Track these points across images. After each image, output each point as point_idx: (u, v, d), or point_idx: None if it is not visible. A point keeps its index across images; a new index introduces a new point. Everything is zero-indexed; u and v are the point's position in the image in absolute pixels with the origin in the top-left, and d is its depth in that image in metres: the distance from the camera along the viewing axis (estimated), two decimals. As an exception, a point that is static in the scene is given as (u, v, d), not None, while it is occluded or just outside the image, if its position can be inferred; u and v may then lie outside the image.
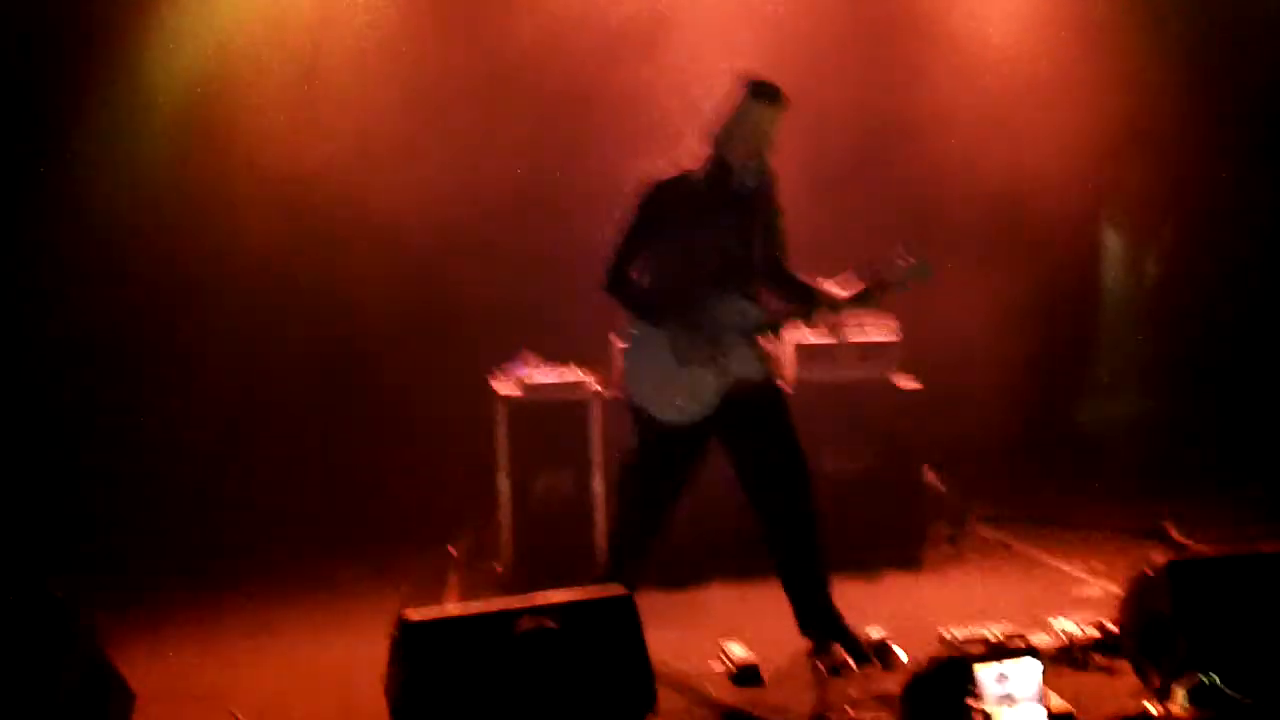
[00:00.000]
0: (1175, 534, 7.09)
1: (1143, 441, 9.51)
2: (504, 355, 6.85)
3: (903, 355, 7.03)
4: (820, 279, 5.18)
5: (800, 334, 6.54)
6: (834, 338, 6.66)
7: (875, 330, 6.95)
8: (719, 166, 5.06)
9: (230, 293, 7.81)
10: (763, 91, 5.02)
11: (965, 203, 8.37)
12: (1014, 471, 8.29)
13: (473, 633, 4.08)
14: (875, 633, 5.16)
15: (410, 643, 4.01)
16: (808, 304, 5.13)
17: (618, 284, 5.15)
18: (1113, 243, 10.67)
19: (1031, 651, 4.24)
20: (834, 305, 5.09)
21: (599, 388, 6.58)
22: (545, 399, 6.51)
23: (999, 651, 4.45)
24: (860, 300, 5.08)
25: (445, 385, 7.48)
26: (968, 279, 7.98)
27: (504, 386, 6.58)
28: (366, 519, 7.44)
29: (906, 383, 7.00)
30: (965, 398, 8.06)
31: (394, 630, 4.09)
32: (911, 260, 4.98)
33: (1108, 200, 9.86)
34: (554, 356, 6.80)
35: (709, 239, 5.06)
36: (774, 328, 5.23)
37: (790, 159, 5.39)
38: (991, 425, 8.24)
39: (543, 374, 6.61)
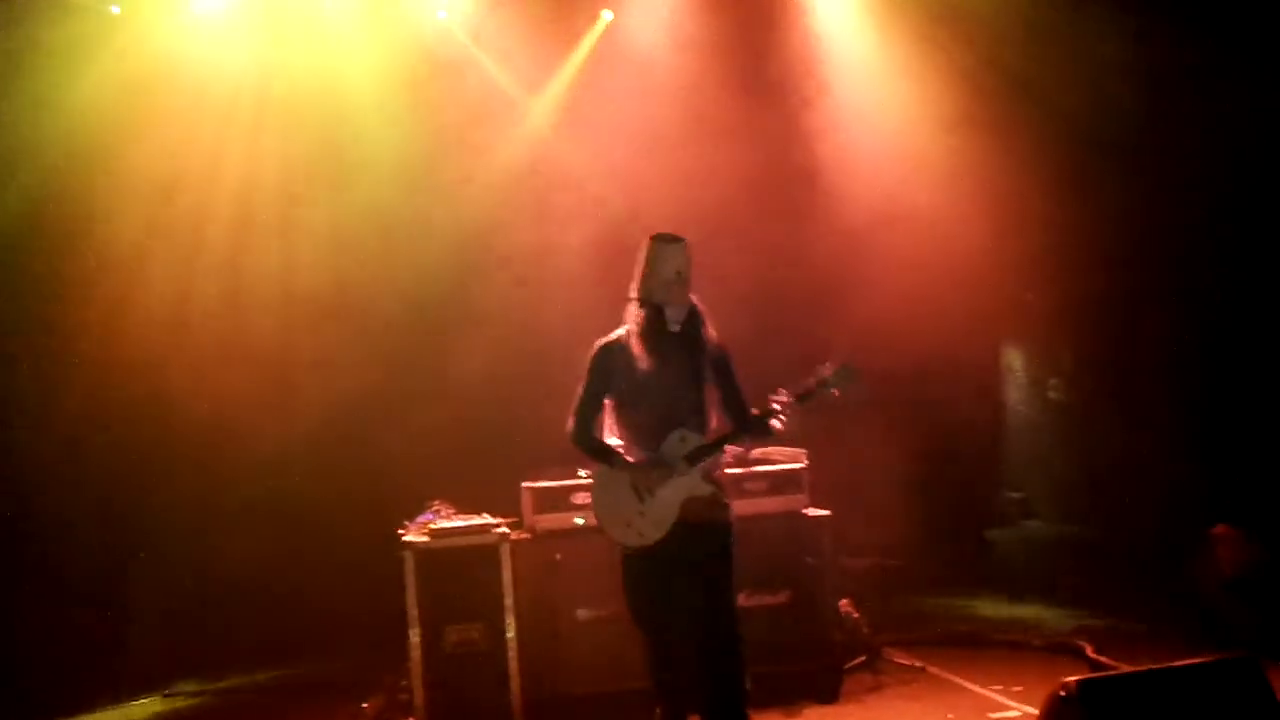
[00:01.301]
0: (1091, 652, 7.12)
1: (1058, 561, 9.62)
2: (416, 508, 6.77)
3: (812, 486, 7.07)
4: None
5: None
6: (742, 467, 6.75)
7: (783, 460, 7.00)
8: (652, 314, 5.51)
9: (114, 448, 7.63)
10: (662, 236, 5.57)
11: (865, 341, 8.41)
12: (928, 596, 8.30)
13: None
14: None
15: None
16: (744, 426, 5.53)
17: (580, 438, 5.56)
18: (1016, 369, 10.89)
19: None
20: (763, 419, 5.45)
21: (509, 531, 6.51)
22: (453, 545, 6.41)
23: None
24: (800, 400, 5.44)
25: (353, 540, 7.36)
26: (874, 413, 8.13)
27: (411, 534, 6.49)
28: (276, 681, 7.23)
29: (816, 511, 7.02)
30: (875, 524, 8.10)
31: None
32: (836, 366, 5.45)
33: (1008, 328, 10.06)
34: (467, 506, 6.74)
35: (655, 382, 5.48)
36: (711, 450, 5.49)
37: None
38: (903, 551, 8.27)
39: (451, 521, 6.53)
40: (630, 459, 5.48)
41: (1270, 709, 4.68)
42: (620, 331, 5.65)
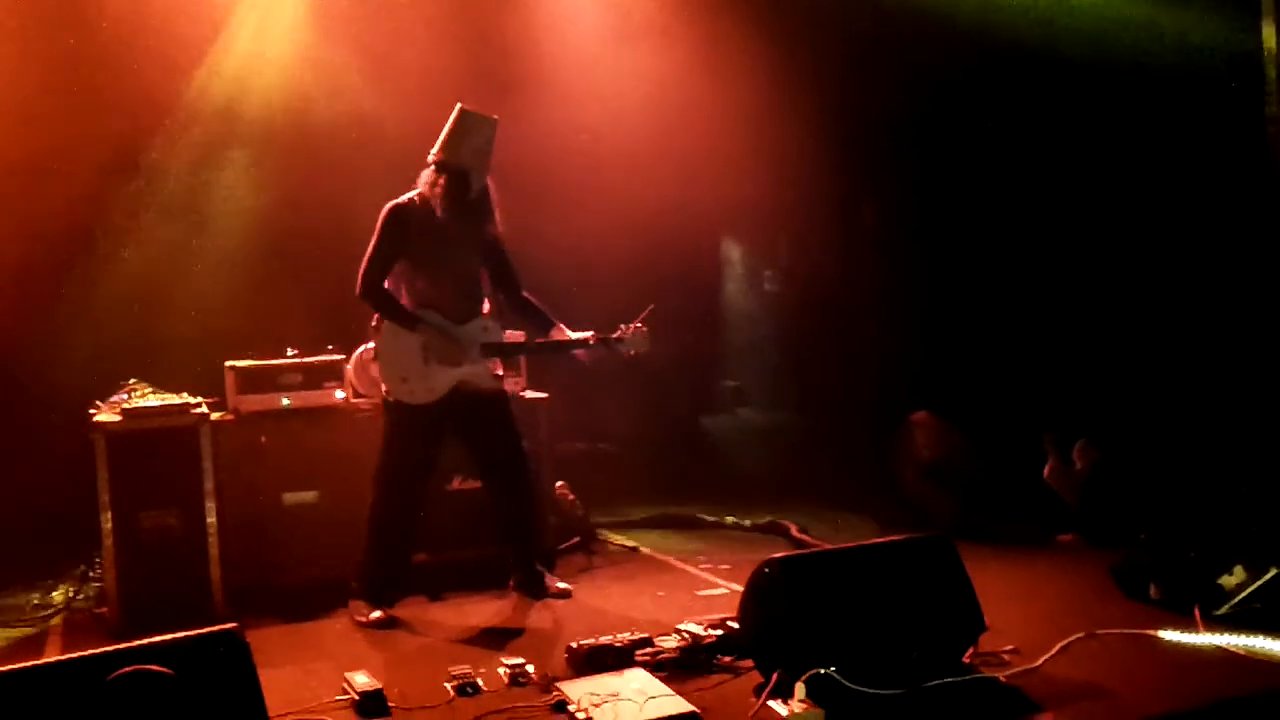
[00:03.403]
0: (795, 532, 7.34)
1: (768, 447, 9.87)
2: (109, 387, 6.38)
3: (530, 369, 7.02)
4: (560, 326, 6.09)
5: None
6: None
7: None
8: (456, 176, 5.80)
9: None
10: (473, 110, 5.88)
11: (593, 228, 8.35)
12: (642, 479, 8.39)
13: (62, 684, 3.71)
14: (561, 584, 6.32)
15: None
16: (548, 344, 6.12)
17: (371, 293, 5.83)
18: (734, 261, 11.05)
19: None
20: (565, 347, 6.07)
21: (208, 411, 6.19)
22: (149, 426, 6.01)
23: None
24: (596, 346, 6.00)
25: (41, 418, 6.90)
26: (593, 302, 8.10)
27: (103, 414, 6.09)
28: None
29: (533, 394, 6.97)
30: (593, 409, 8.12)
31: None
32: (637, 330, 5.95)
33: (727, 221, 10.16)
34: (165, 385, 6.37)
35: (450, 248, 5.86)
36: (508, 352, 6.19)
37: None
38: (620, 436, 8.32)
39: (146, 400, 6.16)
40: (430, 322, 5.81)
41: (959, 582, 4.89)
42: (412, 194, 5.90)
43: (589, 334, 6.01)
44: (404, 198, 5.90)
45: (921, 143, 8.94)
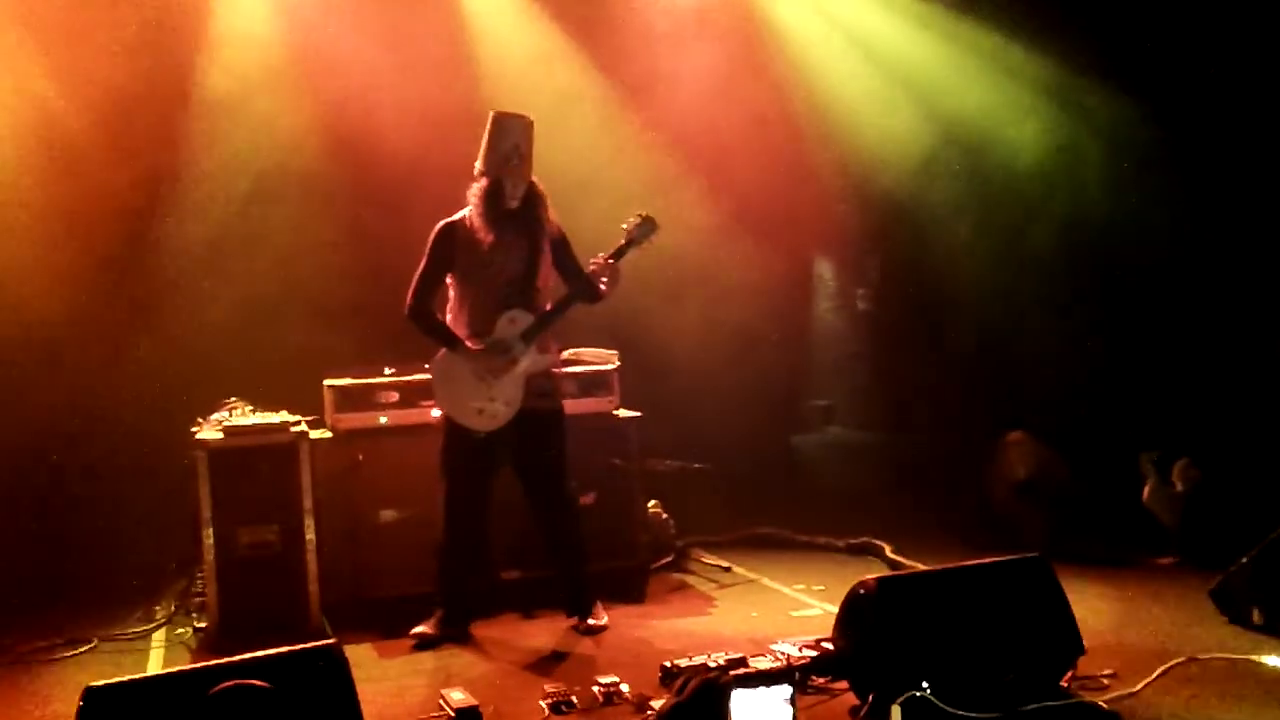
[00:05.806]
0: (890, 553, 7.27)
1: (858, 466, 9.81)
2: (210, 404, 6.53)
3: (622, 388, 7.03)
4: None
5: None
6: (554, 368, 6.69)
7: (594, 361, 6.94)
8: (491, 189, 5.75)
9: None
10: (503, 112, 5.85)
11: (686, 249, 8.36)
12: (734, 498, 8.37)
13: (165, 697, 3.79)
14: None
15: (95, 713, 3.69)
16: (556, 308, 5.92)
17: (417, 314, 5.84)
18: (826, 279, 11.02)
19: (788, 676, 4.25)
20: (595, 278, 5.89)
21: (308, 430, 6.29)
22: (249, 444, 6.12)
23: (756, 677, 4.51)
24: (615, 258, 5.88)
25: (144, 435, 7.06)
26: (686, 316, 8.17)
27: (205, 432, 6.22)
28: (58, 583, 6.89)
29: (626, 413, 6.99)
30: (685, 427, 8.12)
31: (80, 700, 3.77)
32: (637, 221, 5.89)
33: (820, 239, 10.14)
34: (265, 402, 6.50)
35: (492, 258, 5.76)
36: (542, 324, 5.85)
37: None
38: (711, 454, 8.30)
39: (247, 418, 6.28)
40: (469, 345, 5.77)
41: (1057, 604, 4.84)
42: (464, 211, 5.86)
43: (597, 260, 5.88)
44: (456, 215, 5.89)
45: (1013, 157, 8.88)
